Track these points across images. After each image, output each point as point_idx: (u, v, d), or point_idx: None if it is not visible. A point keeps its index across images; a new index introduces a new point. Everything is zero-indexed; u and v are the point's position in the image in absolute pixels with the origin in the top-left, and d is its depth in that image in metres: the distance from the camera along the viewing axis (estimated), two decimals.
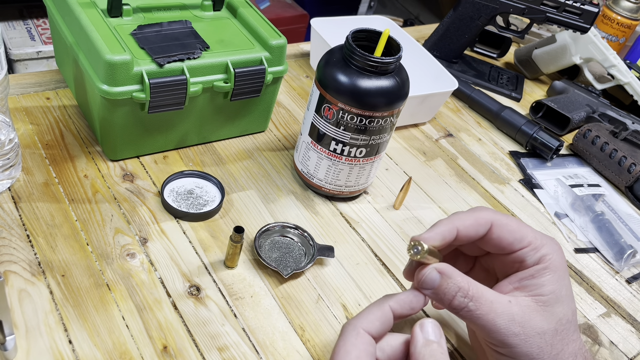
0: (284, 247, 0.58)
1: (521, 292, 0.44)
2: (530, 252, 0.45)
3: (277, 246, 0.58)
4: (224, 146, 0.69)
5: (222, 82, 0.62)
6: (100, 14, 0.60)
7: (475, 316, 0.42)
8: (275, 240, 0.59)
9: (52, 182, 0.59)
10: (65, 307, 0.48)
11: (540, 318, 0.43)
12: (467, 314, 0.42)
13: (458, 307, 0.42)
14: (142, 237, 0.56)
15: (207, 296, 0.52)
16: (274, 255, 0.57)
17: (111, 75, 0.55)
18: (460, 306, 0.42)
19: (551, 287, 0.44)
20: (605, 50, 0.96)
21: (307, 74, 0.88)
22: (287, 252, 0.58)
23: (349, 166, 0.62)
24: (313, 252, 0.57)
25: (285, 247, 0.58)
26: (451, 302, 0.43)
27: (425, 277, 0.44)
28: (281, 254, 0.57)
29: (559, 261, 0.45)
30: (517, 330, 0.42)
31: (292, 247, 0.58)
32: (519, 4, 0.92)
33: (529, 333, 0.42)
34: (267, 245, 0.58)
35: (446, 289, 0.43)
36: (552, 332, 0.43)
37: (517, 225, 0.46)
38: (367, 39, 0.59)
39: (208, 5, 0.67)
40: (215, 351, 0.48)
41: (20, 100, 0.67)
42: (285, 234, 0.59)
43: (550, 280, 0.44)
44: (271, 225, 0.59)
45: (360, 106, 0.57)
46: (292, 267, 0.56)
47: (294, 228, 0.59)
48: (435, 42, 1.00)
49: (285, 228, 0.59)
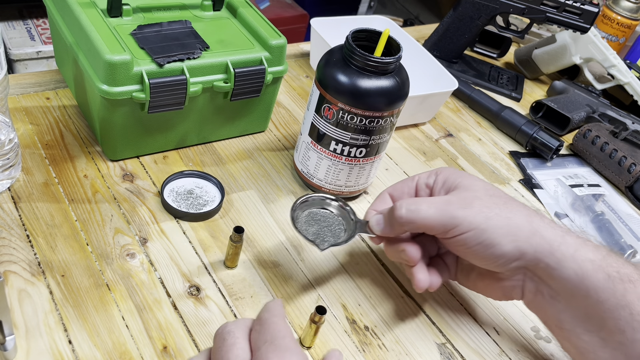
0: (322, 220, 0.54)
1: None
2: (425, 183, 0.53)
3: (315, 219, 0.54)
4: (223, 146, 0.69)
5: (222, 82, 0.62)
6: (100, 14, 0.60)
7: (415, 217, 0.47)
8: (314, 213, 0.55)
9: (52, 182, 0.59)
10: (65, 307, 0.48)
11: (466, 193, 0.48)
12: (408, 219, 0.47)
13: (400, 219, 0.48)
14: (142, 237, 0.56)
15: (207, 296, 0.52)
16: (311, 228, 0.53)
17: (111, 75, 0.55)
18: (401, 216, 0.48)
19: (453, 178, 0.51)
20: (605, 50, 0.96)
21: (307, 74, 0.88)
22: (325, 225, 0.54)
23: (349, 166, 0.62)
24: (354, 227, 0.53)
25: (323, 220, 0.54)
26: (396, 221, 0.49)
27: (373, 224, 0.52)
28: (319, 227, 0.54)
29: (446, 170, 0.52)
30: (455, 208, 0.47)
31: (331, 220, 0.55)
32: (519, 4, 0.92)
33: (466, 202, 0.47)
34: (304, 217, 0.54)
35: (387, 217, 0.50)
36: (484, 196, 0.48)
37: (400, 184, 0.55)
38: (367, 39, 0.59)
39: (208, 5, 0.67)
40: None
41: (20, 100, 0.67)
42: (325, 206, 0.55)
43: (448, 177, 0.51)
44: (310, 196, 0.55)
45: (360, 106, 0.57)
46: (330, 241, 0.52)
47: (334, 200, 0.55)
48: (435, 42, 1.00)
49: (325, 200, 0.55)
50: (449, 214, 0.46)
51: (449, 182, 0.50)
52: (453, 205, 0.47)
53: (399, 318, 0.56)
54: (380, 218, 0.50)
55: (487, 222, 0.46)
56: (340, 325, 0.53)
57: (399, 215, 0.47)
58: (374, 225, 0.51)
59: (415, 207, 0.47)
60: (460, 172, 0.51)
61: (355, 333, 0.53)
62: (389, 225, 0.50)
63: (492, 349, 0.55)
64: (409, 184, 0.53)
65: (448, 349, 0.54)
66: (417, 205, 0.47)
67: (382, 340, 0.53)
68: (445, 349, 0.54)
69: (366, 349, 0.52)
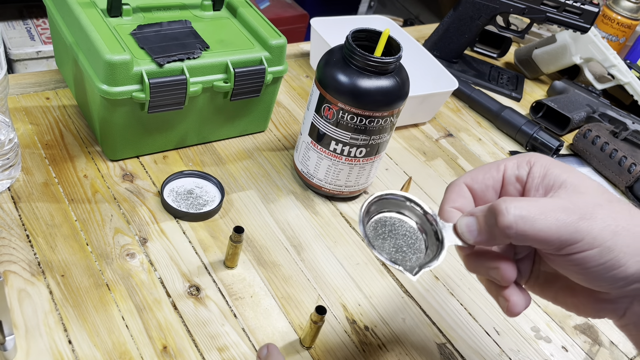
0: (396, 229, 0.42)
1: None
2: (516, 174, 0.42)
3: (386, 228, 0.42)
4: (223, 146, 0.69)
5: (222, 82, 0.62)
6: (100, 14, 0.59)
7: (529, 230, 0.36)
8: (384, 220, 0.42)
9: (52, 182, 0.59)
10: (64, 307, 0.48)
11: (581, 198, 0.37)
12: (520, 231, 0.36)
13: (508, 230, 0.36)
14: (142, 237, 0.56)
15: (207, 296, 0.52)
16: (385, 243, 0.41)
17: (111, 75, 0.55)
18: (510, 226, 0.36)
19: (555, 173, 0.40)
20: (606, 50, 0.96)
21: (307, 73, 0.88)
22: (401, 237, 0.42)
23: (349, 166, 0.62)
24: (439, 238, 0.41)
25: (398, 230, 0.42)
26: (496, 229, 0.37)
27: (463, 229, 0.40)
28: (395, 241, 0.42)
29: (542, 159, 0.41)
30: (575, 218, 0.36)
31: (406, 229, 0.42)
32: (519, 4, 0.92)
33: (587, 211, 0.36)
34: (372, 226, 0.42)
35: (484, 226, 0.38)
36: (604, 202, 0.38)
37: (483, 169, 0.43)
38: (367, 39, 0.59)
39: (208, 5, 0.67)
40: (215, 351, 0.48)
41: (19, 100, 0.67)
42: (400, 209, 0.43)
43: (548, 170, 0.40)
44: (381, 197, 0.42)
45: (360, 106, 0.57)
46: (417, 262, 0.41)
47: (409, 200, 0.43)
48: (435, 42, 0.99)
49: (399, 201, 0.43)
50: (571, 227, 0.36)
51: (550, 177, 0.40)
52: (573, 215, 0.36)
53: (399, 318, 0.56)
54: (472, 222, 0.39)
55: (614, 239, 0.36)
56: (340, 325, 0.53)
57: (507, 224, 0.36)
58: (464, 232, 0.39)
59: (527, 213, 0.36)
60: (561, 165, 0.40)
61: (355, 333, 0.53)
62: (486, 233, 0.38)
63: (492, 349, 0.55)
64: (493, 175, 0.42)
65: (448, 349, 0.54)
66: (529, 211, 0.36)
67: (382, 340, 0.53)
68: (445, 349, 0.54)
69: (366, 349, 0.52)
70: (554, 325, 0.60)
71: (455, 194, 0.42)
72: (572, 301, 0.42)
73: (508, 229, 0.36)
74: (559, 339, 0.58)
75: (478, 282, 0.61)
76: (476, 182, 0.42)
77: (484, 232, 0.38)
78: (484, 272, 0.41)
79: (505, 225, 0.36)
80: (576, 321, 0.61)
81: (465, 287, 0.61)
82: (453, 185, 0.43)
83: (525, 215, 0.36)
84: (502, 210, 0.36)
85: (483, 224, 0.38)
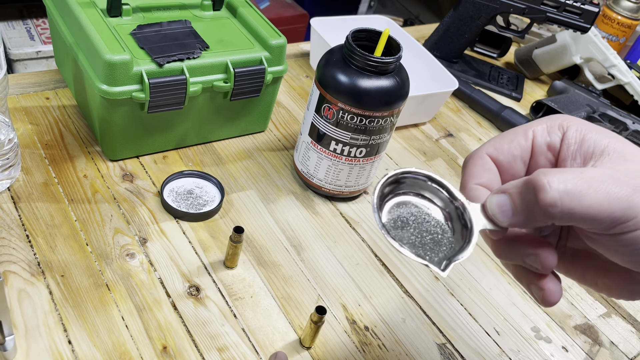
0: (415, 216, 0.36)
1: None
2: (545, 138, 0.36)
3: (405, 215, 0.36)
4: (223, 146, 0.69)
5: (222, 82, 0.62)
6: (100, 14, 0.59)
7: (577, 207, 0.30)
8: (402, 205, 0.36)
9: (52, 182, 0.59)
10: (64, 307, 0.48)
11: (629, 166, 0.32)
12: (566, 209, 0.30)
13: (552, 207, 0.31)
14: (142, 237, 0.56)
15: (207, 296, 0.52)
16: (403, 233, 0.35)
17: (111, 75, 0.55)
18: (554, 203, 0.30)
19: (594, 138, 0.34)
20: (606, 50, 0.96)
21: (307, 73, 0.88)
22: (422, 225, 0.36)
23: (349, 166, 0.62)
24: (469, 224, 0.34)
25: (417, 217, 0.36)
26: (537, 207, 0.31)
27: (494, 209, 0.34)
28: (416, 231, 0.35)
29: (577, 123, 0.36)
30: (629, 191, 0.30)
31: (426, 216, 0.36)
32: (519, 4, 0.92)
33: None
34: (389, 211, 0.36)
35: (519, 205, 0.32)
36: None
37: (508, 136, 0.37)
38: (367, 39, 0.59)
39: (208, 5, 0.67)
40: (215, 351, 0.48)
41: (19, 100, 0.67)
42: (419, 190, 0.37)
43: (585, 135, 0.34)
44: (397, 175, 0.36)
45: (360, 106, 0.56)
46: (442, 254, 0.35)
47: (429, 179, 0.36)
48: (435, 41, 0.99)
49: (418, 180, 0.36)
50: (624, 201, 0.30)
51: (588, 143, 0.34)
52: (625, 188, 0.30)
53: (399, 318, 0.56)
54: (504, 201, 0.33)
55: None
56: (340, 326, 0.53)
57: (551, 201, 0.30)
58: (496, 214, 0.33)
59: (573, 187, 0.30)
60: (599, 128, 0.35)
61: (355, 333, 0.53)
62: (523, 213, 0.32)
63: (493, 349, 0.55)
64: (521, 143, 0.36)
65: (448, 349, 0.54)
66: (575, 185, 0.30)
67: (382, 340, 0.53)
68: (445, 349, 0.54)
69: (366, 349, 0.52)
70: (554, 325, 0.60)
71: (478, 167, 0.36)
72: (605, 282, 0.37)
73: (552, 207, 0.30)
74: (559, 339, 0.58)
75: (478, 282, 0.61)
76: (501, 153, 0.36)
77: (521, 212, 0.32)
78: (518, 259, 0.35)
79: (548, 203, 0.30)
80: (576, 321, 0.61)
81: (466, 287, 0.61)
82: (474, 157, 0.36)
83: (572, 189, 0.30)
84: (543, 184, 0.30)
85: (519, 203, 0.32)
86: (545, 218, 0.31)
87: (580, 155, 0.34)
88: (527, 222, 0.33)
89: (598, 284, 0.37)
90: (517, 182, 0.33)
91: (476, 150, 0.37)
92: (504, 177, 0.37)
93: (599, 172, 0.31)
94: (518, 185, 0.32)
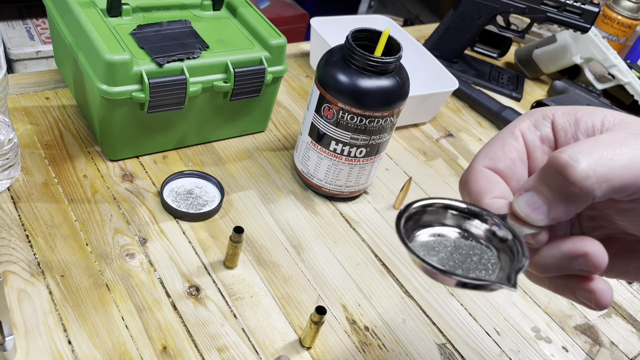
0: (453, 245, 0.32)
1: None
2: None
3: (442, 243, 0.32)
4: (223, 146, 0.69)
5: (222, 81, 0.62)
6: (100, 14, 0.59)
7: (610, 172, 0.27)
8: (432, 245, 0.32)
9: (52, 182, 0.58)
10: (64, 307, 0.48)
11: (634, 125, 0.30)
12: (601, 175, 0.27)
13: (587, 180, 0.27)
14: (142, 238, 0.56)
15: (207, 296, 0.52)
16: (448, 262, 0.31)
17: (110, 75, 0.55)
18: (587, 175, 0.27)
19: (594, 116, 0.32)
20: (606, 50, 0.96)
21: (307, 73, 0.88)
22: (461, 252, 0.32)
23: (349, 166, 0.62)
24: (513, 235, 0.31)
25: (454, 245, 0.32)
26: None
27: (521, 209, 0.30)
28: (460, 259, 0.31)
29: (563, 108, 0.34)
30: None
31: (461, 244, 0.32)
32: (520, 4, 0.92)
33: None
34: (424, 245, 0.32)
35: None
36: None
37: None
38: (367, 39, 0.59)
39: (208, 4, 0.67)
40: (215, 352, 0.48)
41: (19, 100, 0.67)
42: (441, 220, 0.33)
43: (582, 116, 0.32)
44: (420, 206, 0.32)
45: (360, 106, 0.56)
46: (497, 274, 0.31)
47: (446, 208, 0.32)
48: (435, 41, 0.99)
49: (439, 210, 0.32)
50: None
51: (583, 121, 0.32)
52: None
53: (399, 318, 0.55)
54: (533, 198, 0.30)
55: None
56: (340, 326, 0.53)
57: (583, 174, 0.27)
58: (529, 214, 0.30)
59: (599, 153, 0.27)
60: (585, 107, 0.33)
61: (355, 333, 0.53)
62: (559, 201, 0.28)
63: (493, 350, 0.55)
64: (513, 144, 0.33)
65: (448, 350, 0.54)
66: (599, 151, 0.27)
67: (382, 340, 0.53)
68: (445, 350, 0.54)
69: (366, 350, 0.52)
70: (554, 325, 0.60)
71: (486, 182, 0.32)
72: (636, 266, 0.34)
73: (586, 180, 0.27)
74: (559, 340, 0.58)
75: None
76: (498, 161, 0.33)
77: (556, 202, 0.29)
78: (565, 267, 0.31)
79: (581, 177, 0.27)
80: (576, 321, 0.61)
81: None
82: (474, 173, 0.33)
83: (598, 156, 0.27)
84: (567, 161, 0.27)
85: (549, 193, 0.29)
86: (584, 196, 0.28)
87: (582, 134, 0.32)
88: (567, 209, 0.29)
89: (630, 271, 0.34)
90: (534, 175, 0.30)
91: (471, 167, 0.33)
92: (510, 185, 0.33)
93: (613, 134, 0.29)
94: (539, 177, 0.29)
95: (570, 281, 0.32)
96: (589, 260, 0.29)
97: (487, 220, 0.31)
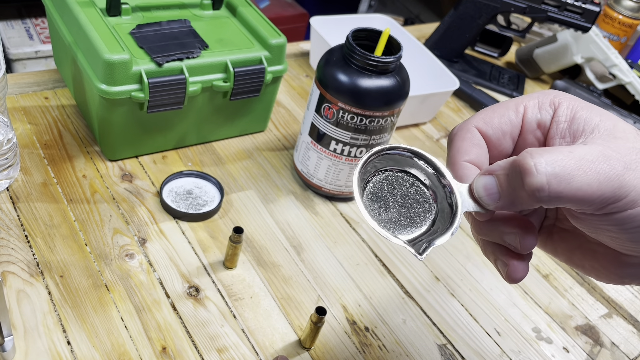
0: (398, 195, 0.34)
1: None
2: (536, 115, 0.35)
3: (388, 194, 0.34)
4: (223, 146, 0.69)
5: (222, 81, 0.62)
6: (99, 13, 0.59)
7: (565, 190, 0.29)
8: (385, 183, 0.34)
9: (51, 182, 0.58)
10: (63, 307, 0.48)
11: (620, 144, 0.30)
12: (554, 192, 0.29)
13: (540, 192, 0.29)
14: (141, 238, 0.55)
15: (207, 297, 0.52)
16: (385, 214, 0.33)
17: (110, 74, 0.54)
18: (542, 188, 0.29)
19: (584, 115, 0.33)
20: (607, 49, 0.95)
21: (307, 73, 0.88)
22: (404, 204, 0.34)
23: (349, 166, 0.62)
24: (454, 205, 0.33)
25: (400, 196, 0.34)
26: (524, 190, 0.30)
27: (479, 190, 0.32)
28: (397, 211, 0.34)
29: (567, 100, 0.34)
30: (619, 170, 0.29)
31: (410, 194, 0.34)
32: (520, 3, 0.92)
33: (630, 160, 0.29)
34: (371, 189, 0.34)
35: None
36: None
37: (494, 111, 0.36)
38: (368, 38, 0.59)
39: (207, 4, 0.67)
40: (215, 352, 0.48)
41: (18, 100, 0.67)
42: (404, 167, 0.35)
43: (577, 112, 0.33)
44: (382, 152, 0.34)
45: (360, 106, 0.56)
46: (423, 235, 0.33)
47: (415, 155, 0.34)
48: (436, 41, 0.99)
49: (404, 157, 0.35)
50: (615, 181, 0.29)
51: (578, 121, 0.33)
52: (616, 166, 0.29)
53: (399, 319, 0.55)
54: (491, 184, 0.32)
55: None
56: (341, 326, 0.53)
57: (538, 185, 0.29)
58: (482, 196, 0.32)
59: (561, 170, 0.28)
60: (591, 106, 0.33)
61: (356, 334, 0.53)
62: (509, 197, 0.31)
63: (493, 350, 0.55)
64: (511, 118, 0.35)
65: (449, 350, 0.54)
66: (564, 167, 0.29)
67: (382, 341, 0.53)
68: (446, 350, 0.54)
69: (366, 350, 0.52)
70: (555, 326, 0.59)
71: (467, 142, 0.34)
72: (592, 265, 0.36)
73: (539, 192, 0.29)
74: (560, 340, 0.58)
75: (479, 283, 0.61)
76: (491, 127, 0.35)
77: (507, 196, 0.31)
78: (497, 237, 0.34)
79: (535, 187, 0.29)
80: (577, 322, 0.61)
81: (466, 288, 0.61)
82: (463, 129, 0.35)
83: (560, 172, 0.28)
84: (530, 168, 0.29)
85: (505, 186, 0.31)
86: (532, 202, 0.30)
87: (569, 134, 0.33)
88: (513, 206, 0.31)
89: (585, 267, 0.36)
90: (504, 162, 0.31)
91: (465, 123, 0.35)
92: (491, 153, 0.35)
93: (590, 150, 0.30)
94: (505, 167, 0.31)
95: (496, 250, 0.35)
96: (517, 239, 0.33)
97: (446, 183, 0.33)
